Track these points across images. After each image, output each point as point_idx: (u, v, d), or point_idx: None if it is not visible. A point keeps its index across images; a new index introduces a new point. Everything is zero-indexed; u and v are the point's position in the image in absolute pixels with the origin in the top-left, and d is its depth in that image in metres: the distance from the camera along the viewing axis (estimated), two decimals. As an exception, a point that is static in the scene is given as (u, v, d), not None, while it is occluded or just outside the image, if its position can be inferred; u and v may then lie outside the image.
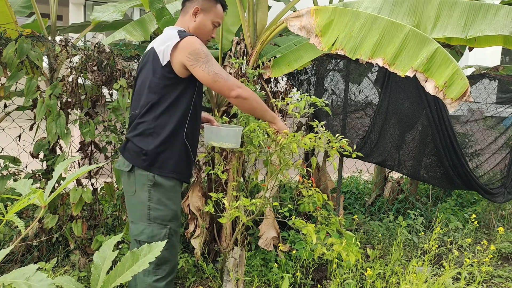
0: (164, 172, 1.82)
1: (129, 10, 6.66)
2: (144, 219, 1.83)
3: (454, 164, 3.46)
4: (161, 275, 1.84)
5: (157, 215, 1.82)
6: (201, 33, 1.95)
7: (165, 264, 1.85)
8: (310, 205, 2.14)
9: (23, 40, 2.45)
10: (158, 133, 1.81)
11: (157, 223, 1.82)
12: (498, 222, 4.13)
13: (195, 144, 2.00)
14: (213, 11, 1.95)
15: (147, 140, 1.81)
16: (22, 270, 0.80)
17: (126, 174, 1.87)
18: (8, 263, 2.66)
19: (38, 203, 0.87)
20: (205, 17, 1.94)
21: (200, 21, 1.93)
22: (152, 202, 1.82)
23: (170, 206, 1.85)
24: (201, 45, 1.81)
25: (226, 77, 1.83)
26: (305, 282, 2.66)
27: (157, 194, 1.82)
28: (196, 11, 1.92)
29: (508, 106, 4.00)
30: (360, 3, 2.57)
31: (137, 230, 1.85)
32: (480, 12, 2.31)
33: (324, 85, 3.35)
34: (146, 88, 1.84)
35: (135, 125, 1.86)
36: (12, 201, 2.82)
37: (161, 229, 1.83)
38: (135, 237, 1.86)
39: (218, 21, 1.99)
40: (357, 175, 5.25)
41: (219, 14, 1.99)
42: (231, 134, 2.11)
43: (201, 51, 1.79)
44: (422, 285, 2.19)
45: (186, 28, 1.94)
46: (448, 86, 1.87)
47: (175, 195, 1.89)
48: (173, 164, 1.85)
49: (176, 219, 1.89)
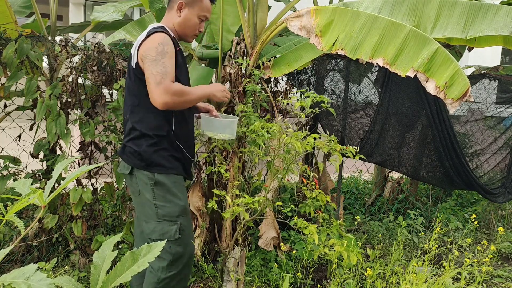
0: (162, 169, 1.83)
1: (129, 10, 6.66)
2: (153, 217, 1.83)
3: (454, 164, 3.46)
4: (175, 271, 1.83)
5: (165, 212, 1.82)
6: (186, 28, 1.90)
7: (179, 259, 1.84)
8: (311, 208, 2.14)
9: (23, 40, 2.45)
10: (146, 135, 1.82)
11: (166, 220, 1.82)
12: (498, 222, 4.13)
13: (189, 142, 1.97)
14: (198, 5, 1.89)
15: (138, 142, 1.83)
16: (22, 270, 0.80)
17: (128, 176, 1.88)
18: (8, 263, 2.66)
19: (38, 203, 0.87)
20: (190, 12, 1.88)
21: (185, 16, 1.88)
22: (157, 200, 1.82)
23: (176, 201, 1.85)
24: (161, 44, 1.72)
25: (160, 80, 1.68)
26: (305, 282, 2.66)
27: (160, 192, 1.82)
28: (180, 6, 1.87)
29: (508, 106, 4.00)
30: (360, 3, 2.56)
31: (149, 229, 1.85)
32: (480, 12, 2.31)
33: (324, 85, 3.35)
34: (127, 91, 1.88)
35: (127, 131, 1.88)
36: (12, 201, 2.82)
37: (172, 226, 1.82)
38: (148, 236, 1.86)
39: (204, 15, 1.93)
40: (357, 175, 5.25)
41: (205, 7, 1.92)
42: (225, 125, 2.05)
43: (153, 49, 1.71)
44: (422, 285, 2.18)
45: (171, 24, 1.89)
46: (449, 86, 1.87)
47: (179, 190, 1.88)
48: (169, 161, 1.85)
49: (185, 213, 1.87)
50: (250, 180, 3.03)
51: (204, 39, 3.49)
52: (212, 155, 2.66)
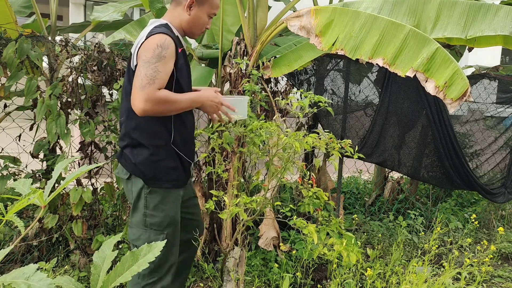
0: (158, 183, 1.77)
1: (129, 10, 6.66)
2: (141, 225, 1.79)
3: (454, 164, 3.46)
4: (156, 277, 1.80)
5: (153, 221, 1.78)
6: (195, 26, 1.84)
7: (160, 267, 1.81)
8: (310, 206, 2.14)
9: (23, 40, 2.45)
10: (142, 145, 1.75)
11: (154, 229, 1.78)
12: (498, 222, 4.13)
13: (189, 148, 1.90)
14: (208, 2, 1.83)
15: (135, 152, 1.76)
16: (22, 270, 0.80)
17: (125, 181, 1.84)
18: (8, 263, 2.66)
19: (38, 203, 0.87)
20: (200, 10, 1.82)
21: (195, 14, 1.81)
22: (148, 209, 1.77)
23: (167, 211, 1.80)
24: (159, 47, 1.63)
25: (145, 84, 1.59)
26: (305, 282, 2.66)
27: (153, 201, 1.78)
28: (190, 4, 1.79)
29: (508, 106, 4.00)
30: (360, 3, 2.57)
31: (134, 236, 1.82)
32: (480, 12, 2.31)
33: (324, 85, 3.35)
34: (124, 93, 1.79)
35: (122, 135, 1.82)
36: (12, 201, 2.82)
37: (158, 235, 1.78)
38: (133, 242, 1.83)
39: (214, 12, 1.87)
40: (357, 175, 5.25)
41: (215, 4, 1.86)
42: (235, 103, 1.90)
43: (150, 50, 1.63)
44: (422, 285, 2.19)
45: (177, 21, 1.82)
46: (448, 86, 1.87)
47: (173, 200, 1.83)
48: (166, 174, 1.78)
49: (172, 224, 1.83)
50: (249, 180, 3.03)
51: (204, 39, 3.49)
52: (212, 155, 2.66)
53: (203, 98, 1.79)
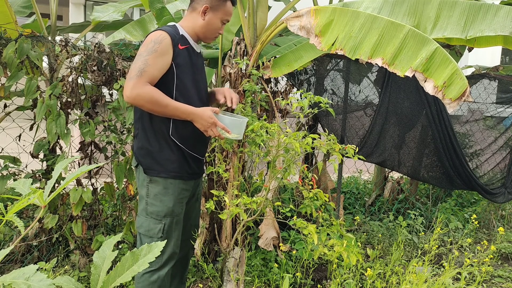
0: (154, 173, 1.86)
1: (129, 10, 6.66)
2: (143, 213, 1.90)
3: (454, 164, 3.46)
4: (154, 267, 1.87)
5: (152, 210, 1.87)
6: (209, 31, 1.92)
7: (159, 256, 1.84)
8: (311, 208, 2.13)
9: (23, 40, 2.46)
10: (144, 135, 1.86)
11: (153, 217, 1.87)
12: (498, 222, 4.13)
13: (191, 141, 1.90)
14: (222, 9, 1.91)
15: (137, 142, 1.89)
16: (22, 270, 0.80)
17: (135, 169, 1.98)
18: (8, 263, 2.66)
19: (38, 203, 0.87)
20: (214, 16, 1.89)
21: (209, 20, 1.89)
22: (149, 197, 1.87)
23: (166, 202, 1.87)
24: (153, 41, 1.73)
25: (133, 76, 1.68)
26: (305, 282, 2.66)
27: (154, 190, 1.87)
28: (205, 10, 1.88)
29: (508, 106, 4.00)
30: (360, 3, 2.57)
31: (138, 223, 1.93)
32: (480, 12, 2.31)
33: (324, 85, 3.35)
34: None
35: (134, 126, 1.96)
36: (12, 201, 2.82)
37: (156, 224, 1.87)
38: (138, 229, 1.94)
39: (227, 19, 1.95)
40: (357, 175, 5.25)
41: (229, 11, 1.94)
42: (234, 124, 1.89)
43: (144, 45, 1.73)
44: (422, 285, 2.19)
45: (191, 25, 1.90)
46: (447, 86, 1.87)
47: (172, 192, 1.88)
48: (163, 165, 1.85)
49: (171, 215, 1.88)
50: (250, 180, 3.03)
51: (204, 39, 3.48)
52: (212, 155, 2.66)
53: (195, 116, 1.78)
